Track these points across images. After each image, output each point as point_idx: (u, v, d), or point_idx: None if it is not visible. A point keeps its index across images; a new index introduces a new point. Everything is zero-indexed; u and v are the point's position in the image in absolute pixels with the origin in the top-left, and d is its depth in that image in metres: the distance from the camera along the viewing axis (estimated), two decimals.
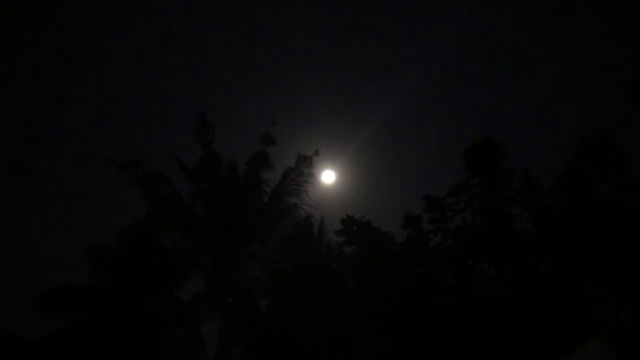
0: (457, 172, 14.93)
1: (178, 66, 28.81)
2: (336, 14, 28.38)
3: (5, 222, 23.51)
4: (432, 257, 14.56)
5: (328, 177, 18.96)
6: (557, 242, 13.70)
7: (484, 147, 14.62)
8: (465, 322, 13.00)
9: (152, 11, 26.48)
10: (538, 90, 26.73)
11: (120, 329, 15.08)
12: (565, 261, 13.55)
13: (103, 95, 28.59)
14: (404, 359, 13.58)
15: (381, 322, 14.00)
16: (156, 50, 27.58)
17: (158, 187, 17.64)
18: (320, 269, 15.91)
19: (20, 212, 25.01)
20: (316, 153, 18.46)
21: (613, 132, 14.12)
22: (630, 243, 13.01)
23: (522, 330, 12.69)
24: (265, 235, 17.77)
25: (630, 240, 13.04)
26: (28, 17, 23.70)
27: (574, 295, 13.37)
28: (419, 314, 13.60)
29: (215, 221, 17.83)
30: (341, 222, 15.37)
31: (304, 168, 18.28)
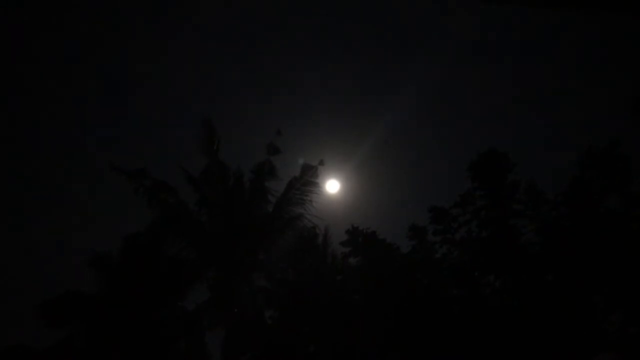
0: (462, 183, 14.95)
1: (184, 75, 28.95)
2: (341, 26, 28.55)
3: (9, 231, 23.57)
4: (438, 268, 14.53)
5: (332, 186, 18.99)
6: (563, 254, 13.66)
7: (489, 159, 14.62)
8: (471, 333, 12.96)
9: (158, 20, 26.65)
10: (543, 103, 26.79)
11: (125, 338, 15.07)
12: (572, 273, 13.51)
13: (109, 103, 28.73)
14: None
15: (387, 333, 13.96)
16: (162, 59, 27.73)
17: (164, 195, 17.66)
18: (325, 279, 15.88)
19: (25, 221, 25.08)
20: (321, 163, 18.47)
21: (619, 144, 14.11)
22: (637, 254, 12.97)
23: (529, 342, 12.64)
24: (270, 245, 17.75)
25: (637, 251, 13.00)
26: (31, 19, 23.79)
27: (580, 307, 13.32)
28: (424, 325, 13.56)
29: (221, 230, 17.83)
30: (347, 233, 15.38)
31: (308, 178, 18.27)
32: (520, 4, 3.53)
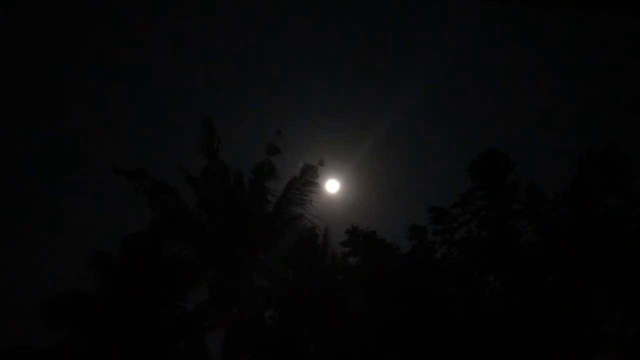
0: (462, 182, 14.92)
1: (183, 75, 28.97)
2: (341, 26, 28.57)
3: (9, 231, 23.59)
4: (438, 268, 14.52)
5: (332, 186, 19.02)
6: (563, 254, 13.66)
7: (489, 159, 14.59)
8: (471, 333, 12.96)
9: (158, 20, 26.67)
10: (543, 102, 26.79)
11: (125, 338, 15.08)
12: (572, 273, 13.50)
13: (109, 103, 28.77)
14: None
15: (387, 333, 13.95)
16: (162, 59, 27.77)
17: (164, 196, 17.69)
18: (325, 279, 15.88)
19: (25, 221, 25.09)
20: (321, 163, 18.51)
21: (618, 146, 14.10)
22: (637, 255, 12.97)
23: (529, 342, 12.64)
24: (270, 245, 17.78)
25: (637, 251, 12.99)
26: (30, 19, 23.81)
27: (580, 308, 13.32)
28: (424, 325, 13.56)
29: (221, 230, 17.85)
30: (346, 233, 15.34)
31: (308, 178, 18.31)
32: (520, 4, 3.53)
